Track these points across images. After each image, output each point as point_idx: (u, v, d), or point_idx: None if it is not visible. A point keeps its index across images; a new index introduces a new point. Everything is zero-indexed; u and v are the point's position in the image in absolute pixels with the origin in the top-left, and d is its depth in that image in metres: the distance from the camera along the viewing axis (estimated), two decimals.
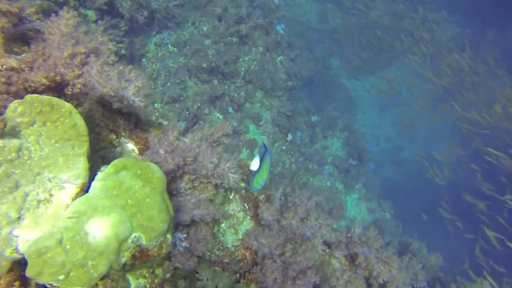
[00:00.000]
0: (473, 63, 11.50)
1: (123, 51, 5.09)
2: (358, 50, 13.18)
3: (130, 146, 1.75)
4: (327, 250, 2.68)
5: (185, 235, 1.56)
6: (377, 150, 11.49)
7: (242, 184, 2.73)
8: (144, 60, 5.59)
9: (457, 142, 14.04)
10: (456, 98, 14.59)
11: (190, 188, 1.70)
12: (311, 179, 7.33)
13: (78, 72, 1.56)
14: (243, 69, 6.34)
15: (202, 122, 5.98)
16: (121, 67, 1.63)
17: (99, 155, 1.69)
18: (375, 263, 2.60)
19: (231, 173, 1.80)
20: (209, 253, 1.91)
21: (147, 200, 1.19)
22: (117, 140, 1.81)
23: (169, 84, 5.58)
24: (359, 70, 13.69)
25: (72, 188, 1.15)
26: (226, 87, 6.26)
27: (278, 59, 6.91)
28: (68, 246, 1.02)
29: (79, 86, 1.55)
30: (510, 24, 14.54)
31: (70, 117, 1.19)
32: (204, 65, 5.90)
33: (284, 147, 6.98)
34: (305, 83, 8.88)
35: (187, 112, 5.69)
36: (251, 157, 2.40)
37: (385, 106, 14.24)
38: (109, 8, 4.83)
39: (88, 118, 1.79)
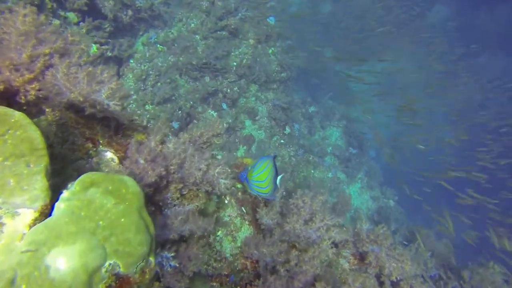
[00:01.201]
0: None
1: (109, 53, 4.89)
2: (350, 38, 12.97)
3: (109, 155, 1.57)
4: (334, 249, 2.51)
5: (173, 254, 1.40)
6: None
7: (238, 185, 2.56)
8: (132, 61, 5.39)
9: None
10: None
11: (178, 198, 1.52)
12: (312, 171, 7.16)
13: (29, 76, 1.37)
14: (235, 63, 6.14)
15: (196, 121, 5.80)
16: (90, 69, 1.45)
17: (74, 168, 1.52)
18: (386, 261, 2.44)
19: (222, 178, 1.62)
20: (205, 266, 1.74)
21: (122, 220, 1.02)
22: (94, 149, 1.63)
23: (159, 84, 5.38)
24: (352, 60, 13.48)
25: (29, 214, 0.98)
26: (218, 83, 6.07)
27: (270, 50, 6.70)
28: (23, 286, 0.85)
29: (33, 92, 1.37)
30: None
31: (22, 128, 1.01)
32: (194, 62, 5.70)
33: (282, 141, 6.80)
34: (299, 74, 8.68)
35: (180, 112, 5.50)
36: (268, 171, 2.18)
37: (382, 94, 14.05)
38: (91, 9, 4.61)
39: (60, 127, 1.61)
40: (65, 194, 1.03)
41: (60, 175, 1.50)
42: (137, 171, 1.38)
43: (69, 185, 1.09)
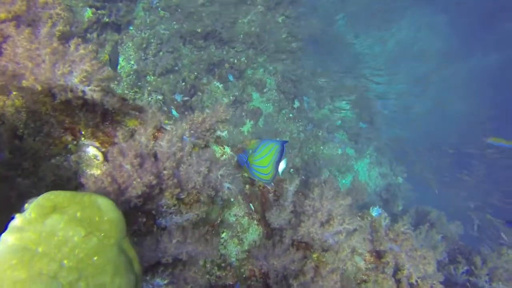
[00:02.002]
0: None
1: (106, 19, 4.50)
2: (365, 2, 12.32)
3: (92, 151, 1.30)
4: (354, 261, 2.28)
5: (166, 281, 1.15)
6: (388, 111, 10.93)
7: (245, 174, 2.30)
8: (131, 27, 5.00)
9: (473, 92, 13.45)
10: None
11: (174, 205, 1.26)
12: (321, 147, 6.88)
13: None
14: (242, 32, 5.72)
15: (200, 93, 5.47)
16: (55, 44, 1.14)
17: (47, 167, 1.24)
18: (406, 262, 2.20)
19: (226, 182, 1.35)
20: (207, 276, 1.51)
21: (95, 258, 0.76)
22: (75, 142, 1.36)
23: (161, 53, 5.02)
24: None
25: None
26: (224, 53, 5.68)
27: (280, 18, 6.24)
28: None
29: None
30: None
31: None
32: (199, 30, 5.29)
33: (291, 115, 6.48)
34: (309, 43, 8.22)
35: (183, 83, 5.17)
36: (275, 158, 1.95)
37: (396, 63, 13.47)
38: None
39: (31, 115, 1.33)
40: (16, 221, 0.77)
41: (29, 175, 1.24)
42: (121, 180, 1.10)
43: (26, 205, 0.82)
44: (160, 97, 4.80)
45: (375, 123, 8.93)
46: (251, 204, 1.89)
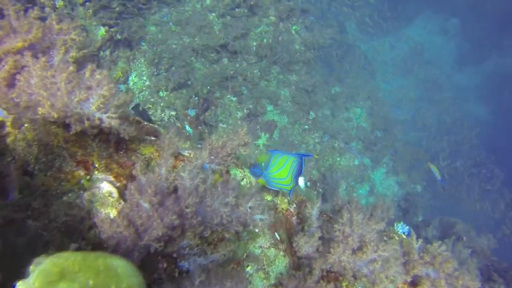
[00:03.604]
0: None
1: (118, 36, 4.47)
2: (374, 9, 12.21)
3: (106, 187, 1.18)
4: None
5: None
6: (404, 118, 10.69)
7: (269, 198, 2.17)
8: (143, 43, 4.96)
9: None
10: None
11: (197, 245, 1.13)
12: (338, 159, 6.70)
13: None
14: (255, 43, 5.64)
15: (214, 108, 5.38)
16: (71, 68, 1.04)
17: (59, 207, 1.13)
18: None
19: (258, 214, 1.21)
20: None
21: None
22: (88, 177, 1.24)
23: (173, 68, 4.95)
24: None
25: None
26: (237, 65, 5.60)
27: (293, 28, 6.15)
28: None
29: None
30: None
31: None
32: (211, 43, 5.22)
33: (306, 127, 6.34)
34: (321, 52, 8.11)
35: (196, 98, 5.09)
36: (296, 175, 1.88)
37: (407, 70, 13.25)
38: None
39: (42, 148, 1.22)
40: None
41: (39, 216, 1.13)
42: (139, 221, 0.98)
43: (31, 267, 0.70)
44: (173, 112, 4.72)
45: (390, 130, 8.72)
46: (276, 233, 1.75)
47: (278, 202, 2.15)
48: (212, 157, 1.66)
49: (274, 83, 6.02)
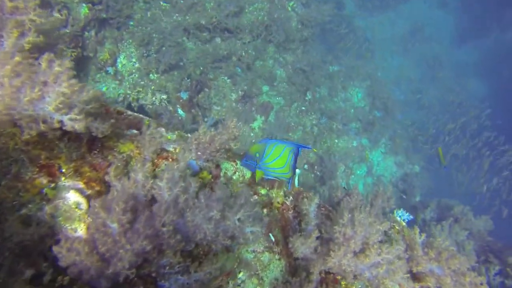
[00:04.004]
0: None
1: (103, 15, 4.20)
2: None
3: (73, 197, 1.02)
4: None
5: None
6: (403, 98, 10.49)
7: (263, 191, 2.03)
8: (131, 23, 4.69)
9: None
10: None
11: (179, 263, 0.98)
12: (336, 141, 6.56)
13: None
14: (249, 21, 5.37)
15: (207, 90, 5.18)
16: (17, 59, 0.86)
17: (14, 222, 0.97)
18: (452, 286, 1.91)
19: (248, 226, 1.06)
20: None
21: None
22: (52, 185, 1.08)
23: (164, 48, 4.71)
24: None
25: None
26: (231, 45, 5.35)
27: (290, 4, 5.86)
28: None
29: None
30: None
31: None
32: (203, 22, 4.96)
33: (303, 108, 6.15)
34: (319, 30, 7.83)
35: (189, 80, 4.87)
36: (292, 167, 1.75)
37: (407, 48, 12.94)
38: None
39: None
40: None
41: None
42: (103, 248, 0.82)
43: None
44: (164, 96, 4.51)
45: (389, 110, 8.54)
46: (270, 234, 1.62)
47: (274, 195, 2.01)
48: (199, 153, 1.50)
49: (269, 63, 5.79)
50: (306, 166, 5.95)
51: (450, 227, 4.95)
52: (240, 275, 1.45)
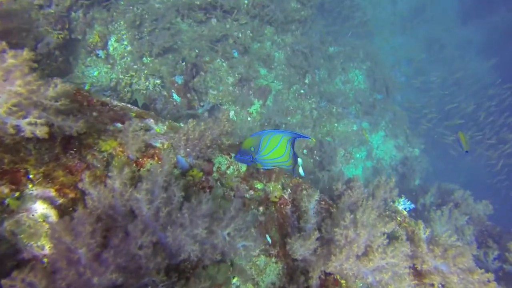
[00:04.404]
0: None
1: None
2: None
3: (40, 208, 0.90)
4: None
5: None
6: (404, 80, 10.28)
7: (259, 185, 1.91)
8: (122, 2, 4.47)
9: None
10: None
11: (162, 282, 0.87)
12: (336, 124, 6.42)
13: None
14: (246, 1, 5.14)
15: (203, 73, 5.00)
16: None
17: None
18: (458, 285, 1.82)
19: (239, 241, 0.95)
20: None
21: None
22: (17, 193, 0.95)
23: (157, 30, 4.51)
24: None
25: None
26: (227, 26, 5.14)
27: None
28: None
29: None
30: None
31: None
32: (198, 2, 4.74)
33: (302, 91, 5.98)
34: (317, 10, 7.56)
35: (184, 63, 4.69)
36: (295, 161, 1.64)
37: (407, 27, 12.62)
38: None
39: None
40: None
41: None
42: (62, 284, 0.69)
43: None
44: (158, 81, 4.34)
45: (390, 92, 8.36)
46: (267, 235, 1.51)
47: (271, 189, 1.90)
48: (188, 150, 1.37)
49: (267, 45, 5.59)
50: (305, 151, 5.84)
51: (450, 212, 4.88)
52: (235, 280, 1.35)
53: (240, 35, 5.15)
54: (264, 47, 5.53)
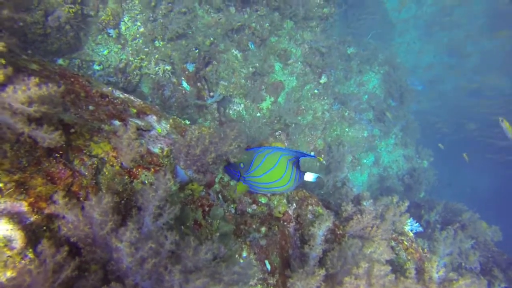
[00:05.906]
0: None
1: None
2: None
3: (3, 228, 0.75)
4: None
5: None
6: (421, 88, 9.97)
7: (263, 200, 1.76)
8: None
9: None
10: None
11: None
12: (346, 129, 6.23)
13: None
14: None
15: (216, 63, 4.81)
16: None
17: None
18: None
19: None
20: None
21: None
22: None
23: (172, 14, 4.32)
24: None
25: None
26: (246, 16, 4.93)
27: None
28: None
29: None
30: None
31: None
32: None
33: (316, 91, 5.78)
34: (341, 8, 7.30)
35: (197, 51, 4.51)
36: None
37: (431, 31, 12.23)
38: None
39: None
40: None
41: None
42: None
43: None
44: (168, 67, 4.17)
45: (405, 100, 8.12)
46: (266, 261, 1.36)
47: (275, 203, 1.74)
48: (188, 163, 1.21)
49: (285, 40, 5.37)
50: (312, 153, 5.67)
51: (455, 233, 4.71)
52: None
53: (258, 27, 4.94)
54: (281, 42, 5.33)
